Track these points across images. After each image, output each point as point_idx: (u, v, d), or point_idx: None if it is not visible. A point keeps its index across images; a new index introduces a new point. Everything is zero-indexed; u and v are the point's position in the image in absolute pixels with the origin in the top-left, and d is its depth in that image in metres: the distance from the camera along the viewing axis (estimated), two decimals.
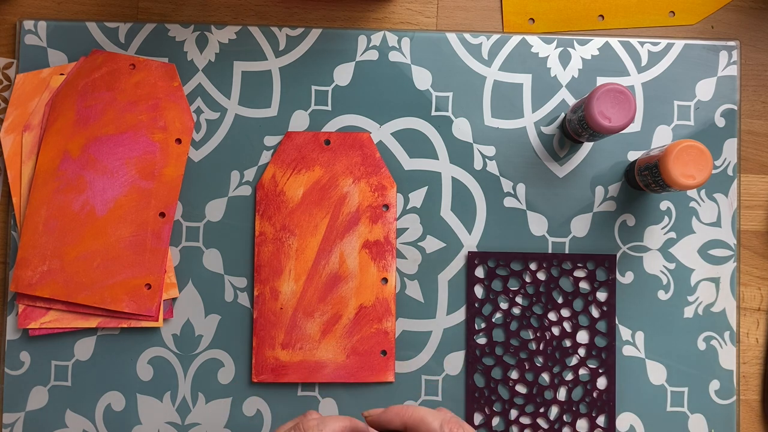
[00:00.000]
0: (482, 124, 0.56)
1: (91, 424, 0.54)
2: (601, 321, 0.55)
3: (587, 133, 0.51)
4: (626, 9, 0.58)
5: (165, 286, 0.54)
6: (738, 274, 0.56)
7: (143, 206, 0.54)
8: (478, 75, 0.56)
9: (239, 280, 0.55)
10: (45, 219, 0.54)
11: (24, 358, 0.54)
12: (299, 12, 0.57)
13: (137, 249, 0.54)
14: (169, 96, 0.55)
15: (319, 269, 0.55)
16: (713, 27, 0.58)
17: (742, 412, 0.56)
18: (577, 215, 0.56)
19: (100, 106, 0.55)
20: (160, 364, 0.55)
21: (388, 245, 0.55)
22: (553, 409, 0.55)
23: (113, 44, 0.56)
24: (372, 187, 0.55)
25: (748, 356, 0.56)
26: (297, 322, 0.54)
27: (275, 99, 0.56)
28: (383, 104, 0.56)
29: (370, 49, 0.56)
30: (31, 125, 0.55)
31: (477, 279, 0.55)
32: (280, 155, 0.55)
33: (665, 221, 0.56)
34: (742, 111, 0.57)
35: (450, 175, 0.56)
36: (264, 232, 0.55)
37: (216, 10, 0.57)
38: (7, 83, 0.56)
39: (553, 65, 0.57)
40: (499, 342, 0.55)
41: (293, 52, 0.56)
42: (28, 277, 0.53)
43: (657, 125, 0.56)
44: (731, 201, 0.56)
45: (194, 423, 0.54)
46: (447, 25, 0.58)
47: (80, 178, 0.54)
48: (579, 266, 0.55)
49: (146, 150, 0.55)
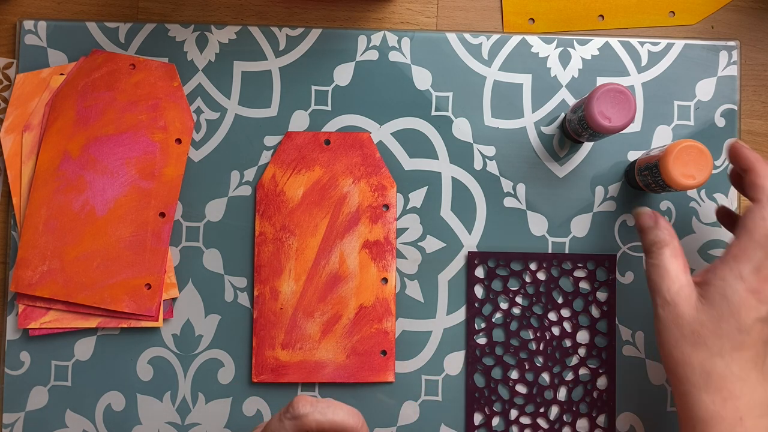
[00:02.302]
0: (482, 124, 0.56)
1: (91, 424, 0.54)
2: (601, 321, 0.55)
3: (587, 133, 0.51)
4: (626, 9, 0.58)
5: (165, 286, 0.54)
6: None
7: (143, 206, 0.54)
8: (478, 75, 0.56)
9: (239, 280, 0.55)
10: (45, 219, 0.54)
11: (24, 358, 0.54)
12: (299, 12, 0.57)
13: (137, 249, 0.54)
14: (169, 96, 0.55)
15: (319, 269, 0.55)
16: (713, 27, 0.58)
17: None
18: (577, 215, 0.56)
19: (100, 106, 0.55)
20: (160, 364, 0.55)
21: (388, 245, 0.55)
22: (553, 409, 0.55)
23: (113, 44, 0.56)
24: (372, 187, 0.55)
25: None
26: (297, 322, 0.54)
27: (275, 99, 0.56)
28: (383, 104, 0.56)
29: (370, 49, 0.56)
30: (31, 125, 0.55)
31: (477, 279, 0.55)
32: (280, 155, 0.55)
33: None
34: (742, 111, 0.57)
35: (450, 175, 0.56)
36: (264, 232, 0.55)
37: (216, 10, 0.57)
38: (7, 83, 0.56)
39: (553, 65, 0.57)
40: (499, 342, 0.55)
41: (293, 52, 0.56)
42: (28, 277, 0.53)
43: (657, 125, 0.56)
44: (731, 201, 0.56)
45: (194, 423, 0.54)
46: (447, 25, 0.58)
47: (80, 178, 0.54)
48: (579, 266, 0.55)
49: (146, 150, 0.55)
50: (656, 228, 0.47)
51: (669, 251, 0.46)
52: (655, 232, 0.47)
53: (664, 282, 0.45)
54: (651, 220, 0.48)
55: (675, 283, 0.45)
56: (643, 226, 0.48)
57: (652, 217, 0.48)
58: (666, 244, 0.46)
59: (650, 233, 0.47)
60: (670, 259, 0.46)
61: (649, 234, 0.48)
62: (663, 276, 0.45)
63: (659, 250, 0.46)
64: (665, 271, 0.45)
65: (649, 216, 0.48)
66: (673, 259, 0.46)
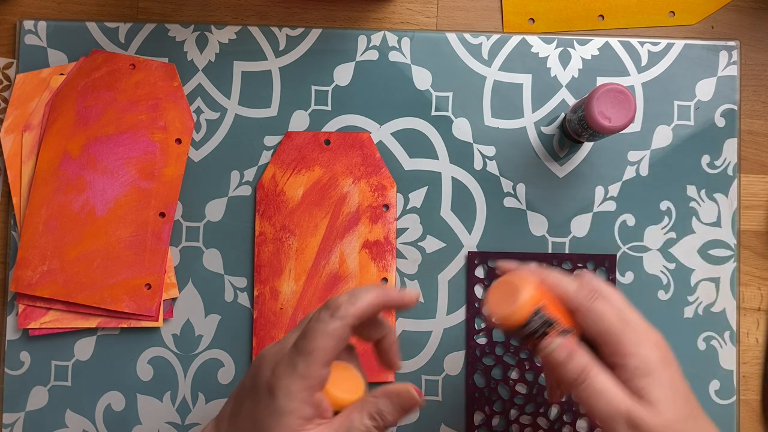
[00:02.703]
0: (482, 124, 0.56)
1: (91, 424, 0.54)
2: None
3: (587, 133, 0.51)
4: (626, 9, 0.58)
5: (165, 286, 0.54)
6: (738, 274, 0.56)
7: (143, 206, 0.54)
8: (478, 75, 0.56)
9: (239, 280, 0.55)
10: (45, 219, 0.54)
11: (24, 358, 0.54)
12: (299, 12, 0.57)
13: (137, 249, 0.54)
14: (169, 96, 0.55)
15: (319, 269, 0.55)
16: (713, 27, 0.58)
17: (742, 412, 0.56)
18: (577, 215, 0.56)
19: (100, 106, 0.55)
20: (160, 364, 0.55)
21: (388, 245, 0.55)
22: (553, 409, 0.55)
23: (113, 44, 0.56)
24: (372, 187, 0.55)
25: (748, 356, 0.56)
26: (297, 322, 0.54)
27: (275, 99, 0.56)
28: (383, 104, 0.56)
29: (370, 49, 0.56)
30: (31, 125, 0.55)
31: (477, 279, 0.55)
32: (280, 155, 0.55)
33: (665, 221, 0.56)
34: (742, 111, 0.57)
35: (450, 175, 0.56)
36: (264, 232, 0.55)
37: (216, 10, 0.57)
38: (7, 83, 0.56)
39: (553, 65, 0.57)
40: (499, 342, 0.55)
41: (293, 52, 0.56)
42: (28, 277, 0.53)
43: (657, 125, 0.56)
44: (731, 201, 0.56)
45: (194, 423, 0.54)
46: (447, 25, 0.58)
47: (80, 178, 0.54)
48: (579, 266, 0.55)
49: (146, 150, 0.55)
50: (574, 355, 0.38)
51: (596, 370, 0.38)
52: (574, 361, 0.38)
53: (611, 403, 0.37)
54: (564, 350, 0.39)
55: (622, 400, 0.37)
56: (558, 361, 0.39)
57: (565, 347, 0.39)
58: (591, 365, 0.38)
59: (569, 365, 0.38)
60: (601, 376, 0.38)
61: (569, 366, 0.38)
62: (608, 399, 0.37)
63: (587, 375, 0.38)
64: (606, 392, 0.37)
65: (562, 348, 0.39)
66: (603, 374, 0.38)
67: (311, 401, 0.36)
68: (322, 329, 0.36)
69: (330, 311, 0.37)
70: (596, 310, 0.39)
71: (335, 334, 0.36)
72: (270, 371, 0.37)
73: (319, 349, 0.36)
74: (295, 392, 0.36)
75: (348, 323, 0.37)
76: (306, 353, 0.36)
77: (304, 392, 0.36)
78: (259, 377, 0.38)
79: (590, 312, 0.39)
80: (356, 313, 0.37)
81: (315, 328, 0.36)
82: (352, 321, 0.37)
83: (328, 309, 0.37)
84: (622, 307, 0.40)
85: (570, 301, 0.40)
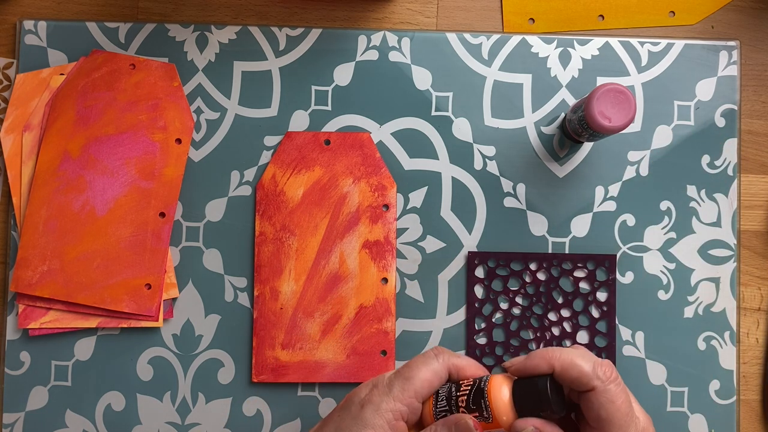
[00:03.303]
0: (482, 124, 0.56)
1: (91, 424, 0.54)
2: (601, 321, 0.55)
3: (587, 133, 0.51)
4: (626, 9, 0.58)
5: (165, 286, 0.54)
6: (738, 274, 0.56)
7: (143, 206, 0.54)
8: (478, 75, 0.56)
9: (239, 280, 0.55)
10: (45, 219, 0.54)
11: (24, 358, 0.54)
12: (299, 12, 0.57)
13: (137, 249, 0.54)
14: (169, 96, 0.55)
15: (319, 269, 0.55)
16: (713, 27, 0.58)
17: (742, 412, 0.56)
18: (577, 215, 0.56)
19: (100, 106, 0.55)
20: (160, 364, 0.55)
21: (388, 245, 0.55)
22: None
23: (113, 44, 0.56)
24: (372, 187, 0.55)
25: (748, 356, 0.56)
26: (297, 322, 0.54)
27: (275, 99, 0.56)
28: (383, 104, 0.56)
29: (370, 49, 0.56)
30: (31, 125, 0.55)
31: (477, 279, 0.55)
32: (280, 155, 0.55)
33: (665, 221, 0.56)
34: (742, 111, 0.57)
35: (450, 175, 0.56)
36: (264, 232, 0.55)
37: (216, 10, 0.57)
38: (7, 83, 0.56)
39: (553, 65, 0.57)
40: (499, 342, 0.55)
41: (293, 52, 0.56)
42: (28, 277, 0.53)
43: (657, 125, 0.56)
44: (731, 201, 0.56)
45: (194, 423, 0.54)
46: (447, 25, 0.58)
47: (80, 178, 0.54)
48: (579, 266, 0.55)
49: (146, 150, 0.55)
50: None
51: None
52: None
53: None
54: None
55: None
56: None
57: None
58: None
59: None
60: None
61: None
62: None
63: None
64: None
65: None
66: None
67: (394, 425, 0.39)
68: (424, 362, 0.41)
69: (435, 352, 0.42)
70: (611, 392, 0.38)
71: (435, 369, 0.41)
72: (368, 390, 0.41)
73: (418, 378, 0.40)
74: (384, 411, 0.39)
75: (446, 366, 0.41)
76: (405, 378, 0.40)
77: (391, 413, 0.39)
78: (356, 395, 0.42)
79: (605, 392, 0.38)
80: (456, 362, 0.42)
81: (419, 361, 0.41)
82: (451, 367, 0.41)
83: (434, 350, 0.42)
84: (631, 400, 0.40)
85: (584, 378, 0.39)
